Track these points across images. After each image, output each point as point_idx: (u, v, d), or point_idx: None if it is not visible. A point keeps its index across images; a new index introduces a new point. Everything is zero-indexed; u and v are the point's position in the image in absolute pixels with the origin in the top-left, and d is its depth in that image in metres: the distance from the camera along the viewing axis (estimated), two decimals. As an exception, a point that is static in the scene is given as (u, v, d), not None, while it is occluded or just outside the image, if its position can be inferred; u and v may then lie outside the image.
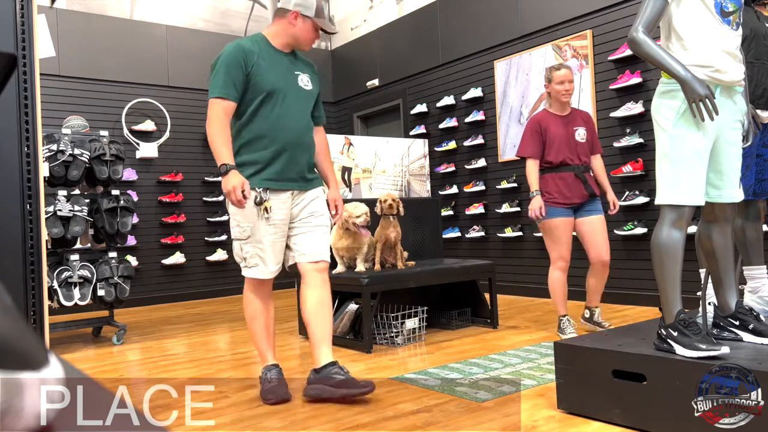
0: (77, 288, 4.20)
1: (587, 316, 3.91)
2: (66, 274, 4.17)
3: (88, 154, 4.35)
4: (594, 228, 3.73)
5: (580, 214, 3.75)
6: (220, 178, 2.62)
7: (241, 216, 2.62)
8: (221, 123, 2.57)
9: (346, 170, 4.73)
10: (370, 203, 4.11)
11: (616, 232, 4.96)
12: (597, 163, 3.86)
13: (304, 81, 2.80)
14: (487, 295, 4.34)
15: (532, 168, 3.75)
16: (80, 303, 4.21)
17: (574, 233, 3.79)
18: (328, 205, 2.85)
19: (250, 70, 2.61)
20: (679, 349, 2.04)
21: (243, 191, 2.50)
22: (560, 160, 3.70)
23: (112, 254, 4.44)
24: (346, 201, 3.73)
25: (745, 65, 2.48)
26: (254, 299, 2.79)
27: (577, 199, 3.71)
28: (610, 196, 3.82)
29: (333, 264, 3.98)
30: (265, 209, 2.60)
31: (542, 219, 3.69)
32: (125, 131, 6.55)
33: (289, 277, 6.94)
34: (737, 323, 2.27)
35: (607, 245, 3.75)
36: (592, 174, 3.81)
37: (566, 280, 3.78)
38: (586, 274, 3.87)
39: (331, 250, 4.01)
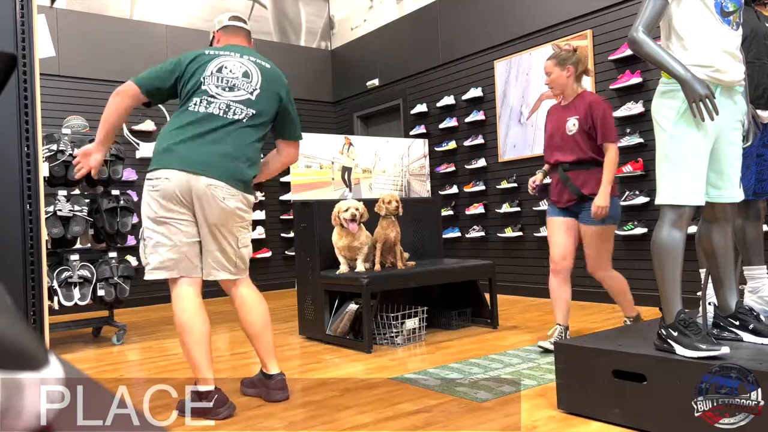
0: (77, 288, 4.19)
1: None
2: (66, 274, 4.17)
3: (88, 154, 4.34)
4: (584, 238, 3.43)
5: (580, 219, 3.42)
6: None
7: None
8: None
9: (346, 170, 4.73)
10: (370, 203, 4.11)
11: (616, 232, 4.95)
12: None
13: None
14: (487, 295, 4.34)
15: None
16: (80, 303, 4.20)
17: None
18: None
19: None
20: (679, 349, 2.04)
21: None
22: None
23: (112, 254, 4.44)
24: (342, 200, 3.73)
25: (746, 65, 2.48)
26: None
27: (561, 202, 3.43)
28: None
29: (336, 264, 3.98)
30: None
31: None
32: (125, 131, 6.55)
33: (289, 277, 6.84)
34: (737, 323, 2.27)
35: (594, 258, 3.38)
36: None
37: (565, 289, 3.41)
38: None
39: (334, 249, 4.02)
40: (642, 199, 4.78)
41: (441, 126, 6.68)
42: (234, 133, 2.57)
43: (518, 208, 5.84)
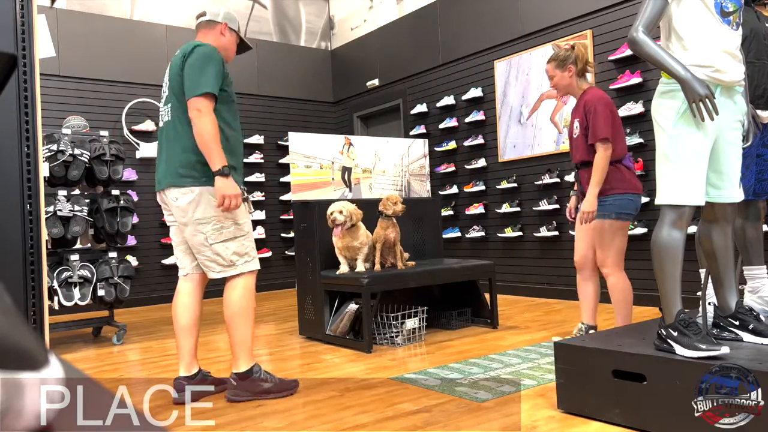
0: (77, 288, 4.19)
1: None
2: (66, 274, 4.17)
3: (88, 154, 4.35)
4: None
5: None
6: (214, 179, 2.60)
7: (237, 214, 2.70)
8: (216, 121, 2.60)
9: (346, 170, 4.73)
10: (370, 203, 4.11)
11: (616, 232, 4.96)
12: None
13: None
14: (487, 295, 4.34)
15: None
16: (80, 303, 4.20)
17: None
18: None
19: (226, 77, 2.72)
20: (679, 349, 2.04)
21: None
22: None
23: (112, 254, 4.44)
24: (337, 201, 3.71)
25: (746, 65, 2.48)
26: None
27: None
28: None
29: (336, 264, 3.98)
30: (250, 205, 2.82)
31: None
32: (125, 131, 6.55)
33: (289, 277, 6.84)
34: (737, 323, 2.27)
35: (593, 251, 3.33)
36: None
37: (585, 286, 3.44)
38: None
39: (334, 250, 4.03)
40: (642, 199, 4.77)
41: (441, 126, 6.68)
42: (165, 136, 2.73)
43: (518, 208, 5.84)
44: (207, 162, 2.58)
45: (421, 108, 6.92)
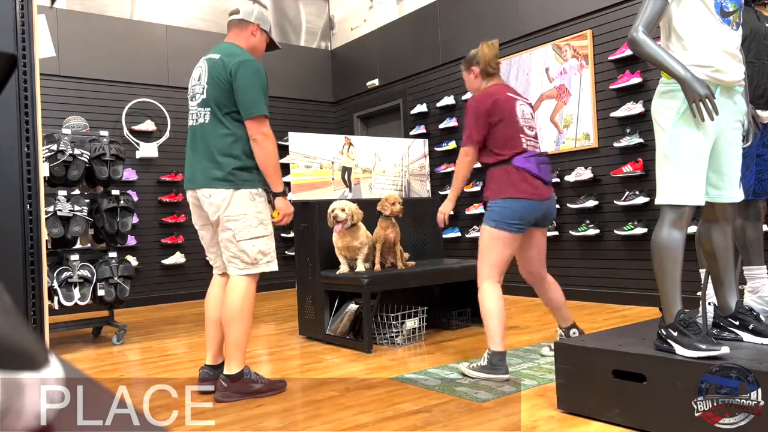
0: (77, 288, 4.19)
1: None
2: (66, 274, 4.17)
3: (88, 154, 4.35)
4: None
5: None
6: (276, 198, 2.83)
7: (265, 214, 2.82)
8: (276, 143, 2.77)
9: (346, 170, 4.73)
10: (370, 203, 4.11)
11: (616, 232, 4.96)
12: None
13: None
14: (487, 295, 4.33)
15: None
16: (80, 303, 4.20)
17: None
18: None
19: None
20: (679, 349, 2.04)
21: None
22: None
23: (112, 254, 4.44)
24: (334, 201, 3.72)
25: (746, 65, 2.48)
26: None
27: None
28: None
29: (336, 264, 3.98)
30: (273, 207, 2.89)
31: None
32: (125, 131, 6.55)
33: (289, 277, 6.84)
34: (737, 323, 2.27)
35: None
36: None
37: (543, 296, 3.23)
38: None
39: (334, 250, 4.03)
40: (642, 199, 4.78)
41: (441, 126, 6.68)
42: (202, 137, 2.77)
43: (518, 208, 5.84)
44: (245, 168, 2.72)
45: (421, 108, 6.92)
